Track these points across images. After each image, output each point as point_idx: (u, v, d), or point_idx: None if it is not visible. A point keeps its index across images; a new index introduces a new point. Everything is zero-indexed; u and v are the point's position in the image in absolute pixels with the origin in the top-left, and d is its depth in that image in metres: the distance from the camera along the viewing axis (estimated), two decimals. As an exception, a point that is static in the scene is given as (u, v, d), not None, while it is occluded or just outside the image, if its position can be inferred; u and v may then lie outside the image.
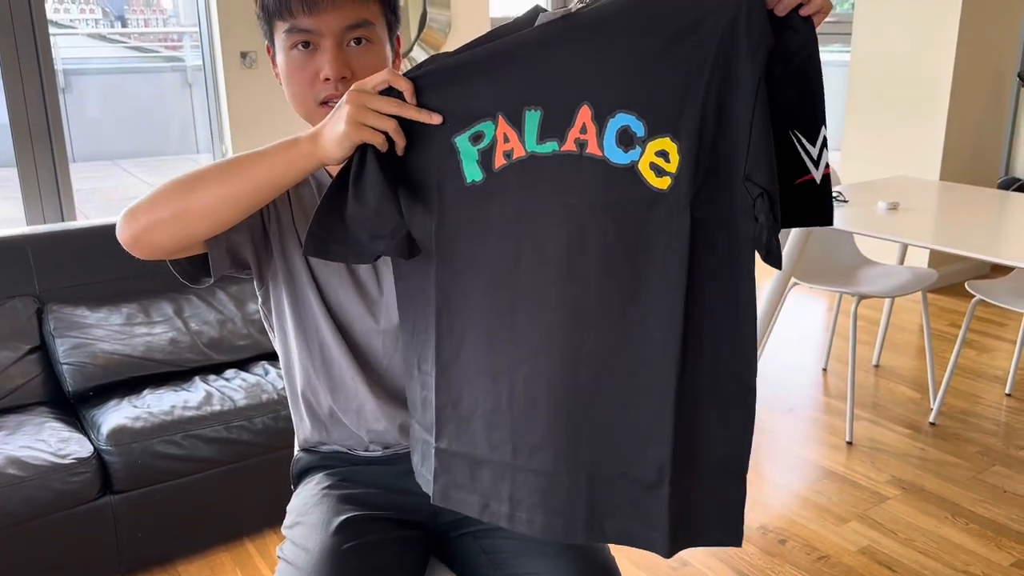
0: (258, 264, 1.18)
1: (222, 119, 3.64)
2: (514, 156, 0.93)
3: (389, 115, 0.93)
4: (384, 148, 0.94)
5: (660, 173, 0.89)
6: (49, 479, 1.92)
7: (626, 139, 0.89)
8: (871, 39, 4.21)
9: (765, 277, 2.30)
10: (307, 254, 1.00)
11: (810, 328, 3.82)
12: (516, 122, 0.92)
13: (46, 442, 2.01)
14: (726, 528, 0.97)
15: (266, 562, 2.16)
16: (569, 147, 0.91)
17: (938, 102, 4.01)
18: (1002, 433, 2.83)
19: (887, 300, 3.39)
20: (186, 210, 0.99)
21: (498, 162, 0.94)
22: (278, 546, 1.20)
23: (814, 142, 0.92)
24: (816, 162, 0.93)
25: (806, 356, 3.50)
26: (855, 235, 3.14)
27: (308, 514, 1.18)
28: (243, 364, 2.40)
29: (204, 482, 2.11)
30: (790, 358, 3.46)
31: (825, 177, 0.94)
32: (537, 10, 0.95)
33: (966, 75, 4.00)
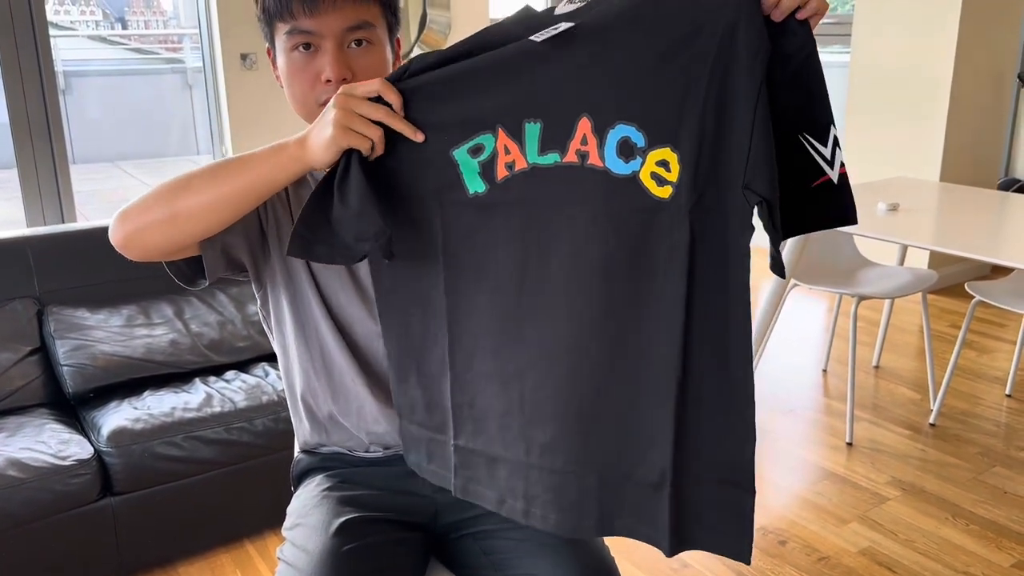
0: (255, 266, 1.18)
1: (222, 121, 3.65)
2: (516, 168, 0.95)
3: (376, 123, 0.93)
4: (369, 154, 0.95)
5: (661, 182, 0.89)
6: (49, 481, 1.92)
7: (627, 150, 0.89)
8: (871, 40, 4.21)
9: (765, 279, 2.30)
10: (290, 254, 1.01)
11: (810, 329, 3.82)
12: (516, 134, 0.93)
13: (46, 444, 2.01)
14: (732, 539, 0.96)
15: (266, 563, 2.16)
16: (571, 158, 0.92)
17: (938, 103, 4.01)
18: (1002, 434, 2.83)
19: (887, 301, 3.39)
20: (176, 212, 1.00)
21: (500, 174, 0.95)
22: (278, 548, 1.20)
23: (825, 143, 0.91)
24: (830, 162, 0.92)
25: (806, 357, 3.50)
26: (855, 236, 3.14)
27: (308, 516, 1.18)
28: (243, 366, 2.40)
29: (204, 484, 2.11)
30: (790, 359, 3.46)
31: (842, 176, 0.92)
32: (527, 11, 0.95)
33: (966, 76, 4.00)
